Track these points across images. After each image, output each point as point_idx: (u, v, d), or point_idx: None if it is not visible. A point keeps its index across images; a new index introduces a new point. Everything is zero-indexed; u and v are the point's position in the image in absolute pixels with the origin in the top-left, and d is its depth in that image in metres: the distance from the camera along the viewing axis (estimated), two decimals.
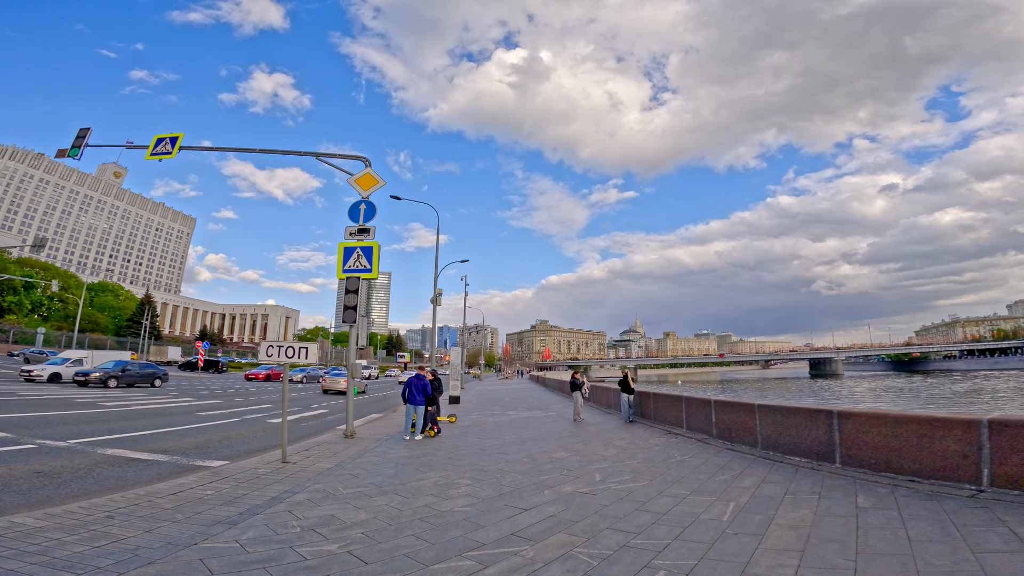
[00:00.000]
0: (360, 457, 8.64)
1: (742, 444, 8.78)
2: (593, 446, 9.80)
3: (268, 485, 6.45)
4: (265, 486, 6.39)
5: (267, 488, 6.28)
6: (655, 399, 12.86)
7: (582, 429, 12.45)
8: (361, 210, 12.47)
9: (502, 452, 9.15)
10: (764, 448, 8.21)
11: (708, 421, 9.98)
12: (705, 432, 10.11)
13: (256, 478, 6.84)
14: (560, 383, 32.81)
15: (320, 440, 10.56)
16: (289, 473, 7.19)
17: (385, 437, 11.11)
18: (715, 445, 9.29)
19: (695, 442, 9.76)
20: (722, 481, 6.50)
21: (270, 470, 7.37)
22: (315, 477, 6.97)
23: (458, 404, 20.97)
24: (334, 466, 7.80)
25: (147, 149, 14.99)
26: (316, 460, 8.27)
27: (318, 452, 9.05)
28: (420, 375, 11.00)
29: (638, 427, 12.41)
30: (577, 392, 14.44)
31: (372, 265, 11.62)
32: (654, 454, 8.78)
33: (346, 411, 11.04)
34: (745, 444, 8.70)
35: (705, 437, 10.00)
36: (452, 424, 13.79)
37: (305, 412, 17.35)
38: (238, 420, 14.20)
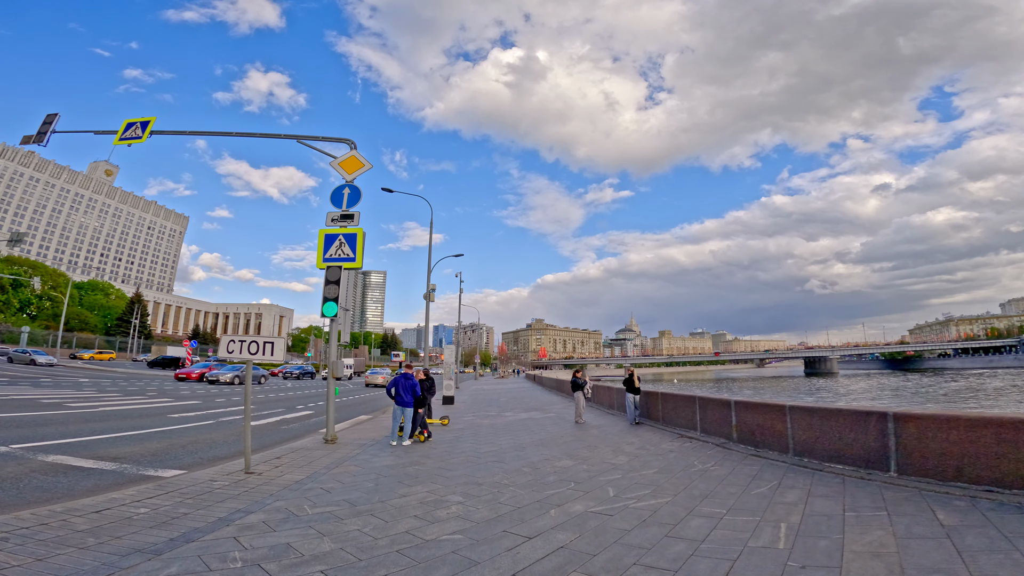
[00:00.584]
0: (338, 466, 7.60)
1: (769, 450, 7.81)
2: (600, 452, 8.80)
3: (219, 502, 5.40)
4: (215, 503, 5.35)
5: (216, 506, 5.23)
6: (664, 400, 11.88)
7: (586, 432, 11.45)
8: (345, 194, 11.45)
9: (499, 460, 8.13)
10: (797, 454, 7.24)
11: (727, 424, 9.00)
12: (723, 436, 9.13)
13: (208, 492, 5.80)
14: (558, 382, 31.83)
15: (297, 446, 9.51)
16: (249, 487, 6.14)
17: (370, 442, 10.07)
18: (737, 451, 8.32)
19: (714, 447, 8.78)
20: (760, 495, 5.51)
21: (227, 483, 6.31)
22: (279, 492, 5.93)
23: (452, 405, 19.93)
24: (305, 478, 6.76)
25: (116, 134, 13.92)
26: (286, 470, 7.22)
27: (290, 460, 8.00)
28: (408, 374, 9.98)
29: (646, 430, 11.43)
30: (579, 392, 13.45)
31: (356, 254, 10.59)
32: (671, 462, 7.79)
33: (326, 414, 10.00)
34: (773, 450, 7.73)
35: (724, 442, 9.02)
36: (445, 427, 12.76)
37: (288, 414, 16.28)
38: (213, 423, 13.10)
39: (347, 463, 7.90)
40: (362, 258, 10.68)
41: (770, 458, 7.56)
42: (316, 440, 10.10)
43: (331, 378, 9.93)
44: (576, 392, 13.50)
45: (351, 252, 10.61)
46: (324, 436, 9.96)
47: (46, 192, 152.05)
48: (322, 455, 8.56)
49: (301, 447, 9.36)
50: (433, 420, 13.10)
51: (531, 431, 11.81)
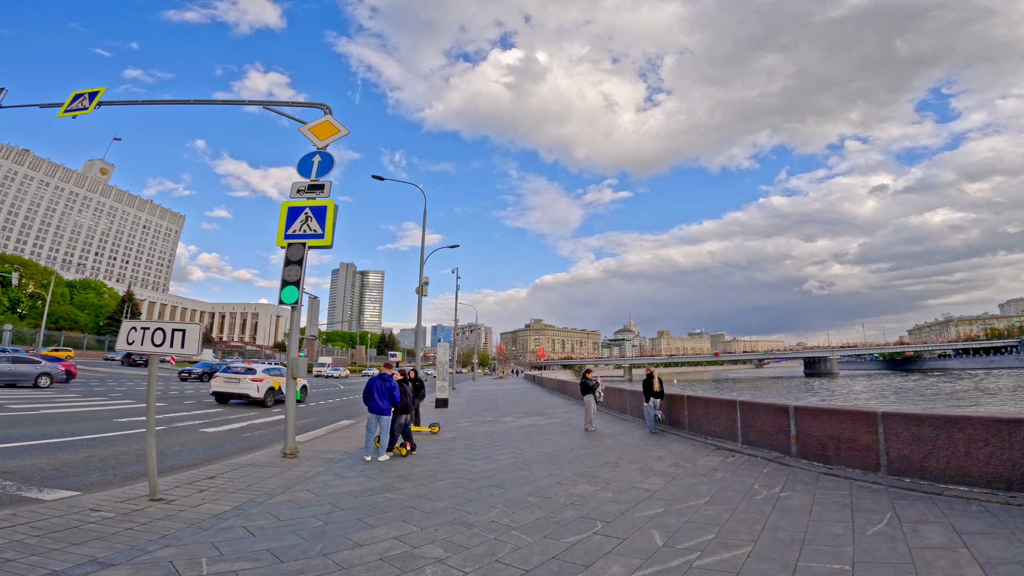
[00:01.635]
0: (284, 492, 5.78)
1: (848, 467, 6.03)
2: (625, 472, 6.99)
3: (75, 545, 3.60)
4: (67, 547, 3.54)
5: (64, 552, 3.42)
6: (692, 404, 10.07)
7: (600, 443, 9.63)
8: (315, 162, 9.70)
9: (497, 484, 6.31)
10: (893, 474, 5.47)
11: (782, 434, 7.21)
12: (777, 449, 7.33)
13: (75, 528, 3.99)
14: (559, 383, 30.01)
15: (245, 461, 7.68)
16: (140, 522, 4.32)
17: (340, 457, 8.23)
18: (801, 468, 6.52)
19: (767, 464, 6.98)
20: (885, 538, 3.72)
21: (114, 514, 4.50)
22: (178, 533, 4.11)
23: (446, 408, 18.10)
24: (230, 509, 4.94)
25: (62, 106, 12.46)
26: (210, 496, 5.40)
27: (225, 482, 6.18)
28: (385, 375, 8.13)
29: (671, 440, 9.62)
30: (590, 396, 11.64)
31: (326, 230, 8.82)
32: (722, 485, 5.97)
33: (285, 423, 8.17)
34: (854, 467, 5.96)
35: (778, 456, 7.22)
36: (434, 436, 10.94)
37: (261, 418, 14.43)
38: (165, 428, 11.26)
39: (299, 487, 6.08)
40: (332, 235, 8.90)
41: (853, 478, 5.77)
42: (273, 453, 8.27)
43: (290, 379, 8.11)
44: (586, 395, 11.68)
45: (319, 227, 8.82)
46: (282, 449, 8.14)
47: (40, 191, 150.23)
48: (271, 474, 6.74)
49: (250, 463, 7.53)
50: (421, 427, 11.29)
51: (535, 441, 9.99)
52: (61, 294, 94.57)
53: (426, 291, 21.88)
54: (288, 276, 8.47)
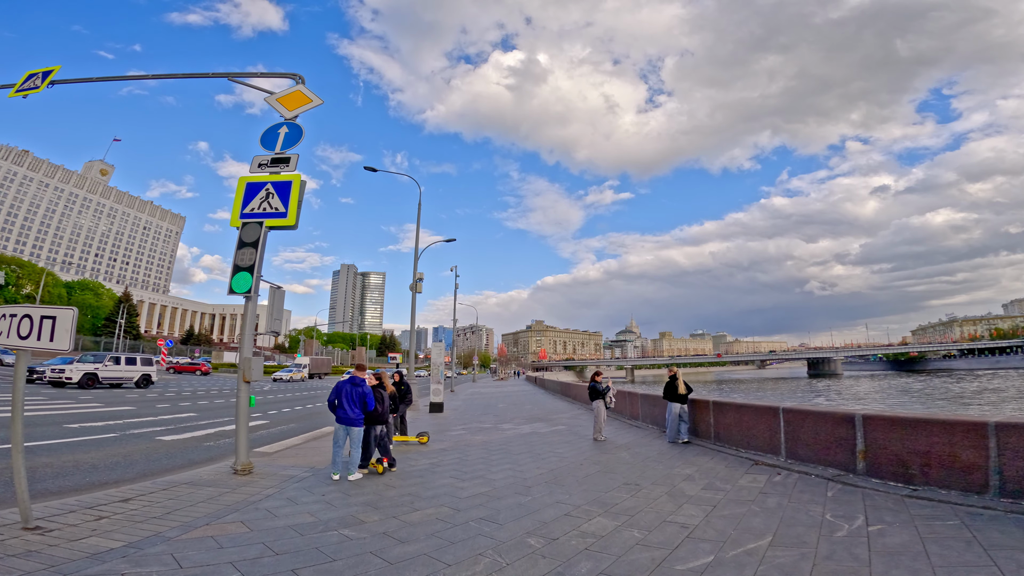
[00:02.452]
0: (209, 524, 4.44)
1: (942, 488, 4.70)
2: (650, 497, 5.63)
3: None
4: None
5: None
6: (720, 411, 8.71)
7: (613, 457, 8.27)
8: (281, 134, 8.45)
9: (489, 517, 4.96)
10: (1008, 496, 4.13)
11: (844, 447, 5.88)
12: (837, 465, 5.99)
13: None
14: (563, 386, 28.63)
15: (185, 478, 6.34)
16: None
17: (303, 474, 6.89)
18: (878, 490, 5.19)
19: (828, 484, 5.62)
20: None
21: None
22: None
23: (441, 413, 16.75)
24: (119, 547, 3.60)
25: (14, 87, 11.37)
26: (107, 526, 4.06)
27: (140, 505, 4.85)
28: (356, 378, 6.77)
29: (696, 453, 8.26)
30: (600, 401, 10.26)
31: (289, 208, 7.53)
32: (782, 517, 4.60)
33: (236, 434, 6.84)
34: (953, 488, 4.62)
35: (839, 474, 5.88)
36: (423, 447, 9.59)
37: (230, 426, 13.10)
38: (116, 436, 9.97)
39: (232, 516, 4.74)
40: (298, 214, 7.60)
41: (955, 502, 4.43)
42: (223, 469, 6.94)
43: (241, 383, 6.78)
44: (595, 401, 10.31)
45: (282, 205, 7.53)
46: (233, 464, 6.81)
47: (40, 192, 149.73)
48: (206, 497, 5.40)
49: (189, 480, 6.20)
50: (408, 437, 9.95)
51: (537, 454, 8.62)
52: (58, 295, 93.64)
53: (420, 288, 20.56)
54: (241, 260, 7.17)
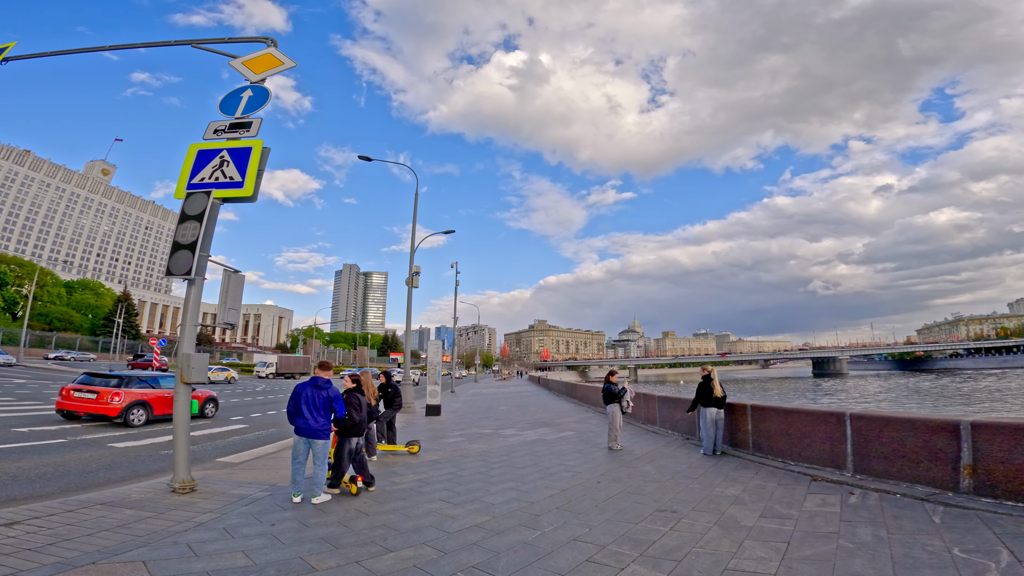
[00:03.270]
0: (94, 565, 3.17)
1: None
2: (695, 529, 4.33)
3: None
4: None
5: None
6: (760, 417, 7.39)
7: (636, 472, 6.95)
8: (243, 98, 7.32)
9: (486, 566, 3.64)
10: None
11: (941, 460, 4.63)
12: (931, 482, 4.72)
13: None
14: (568, 387, 27.30)
15: (107, 496, 5.07)
16: None
17: (259, 494, 5.61)
18: (998, 513, 3.87)
19: (925, 506, 4.30)
20: None
21: None
22: None
23: (438, 417, 15.46)
24: None
25: None
26: None
27: (19, 534, 3.58)
28: (319, 379, 5.44)
29: (733, 466, 6.94)
30: (615, 405, 8.93)
31: (247, 177, 6.30)
32: (897, 559, 3.30)
33: (174, 446, 5.58)
34: None
35: (934, 492, 4.60)
36: (412, 458, 8.31)
37: (215, 427, 11.86)
38: (64, 442, 8.74)
39: (134, 553, 3.45)
40: (257, 183, 6.38)
41: None
42: (159, 486, 5.67)
43: (179, 385, 5.53)
44: (610, 405, 8.98)
45: (237, 174, 6.30)
46: (170, 481, 5.55)
47: (41, 192, 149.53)
48: (119, 523, 4.13)
49: (112, 499, 4.93)
50: (397, 446, 8.66)
51: (544, 468, 7.32)
52: (58, 295, 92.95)
53: (417, 282, 19.28)
54: (181, 237, 5.95)
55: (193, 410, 5.73)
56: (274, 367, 49.71)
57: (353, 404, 5.71)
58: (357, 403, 5.76)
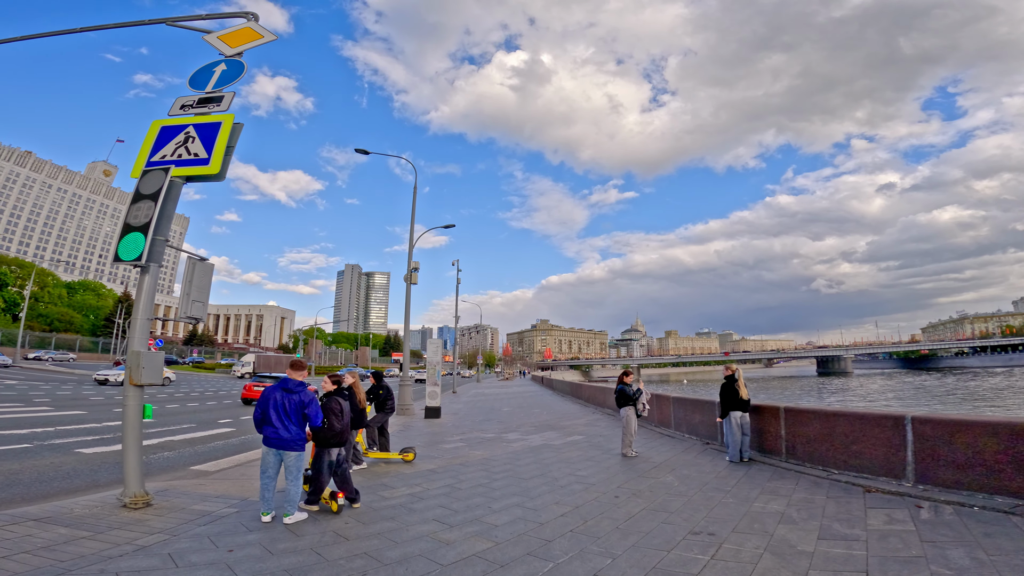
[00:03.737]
0: None
1: None
2: (742, 557, 3.52)
3: None
4: None
5: None
6: (797, 419, 6.58)
7: (657, 484, 6.15)
8: (216, 71, 6.64)
9: None
10: None
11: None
12: (1013, 492, 3.87)
13: None
14: (573, 386, 26.51)
15: (49, 509, 4.30)
16: None
17: (226, 510, 4.83)
18: None
19: (1012, 519, 3.50)
20: None
21: None
22: None
23: (437, 419, 14.69)
24: None
25: None
26: None
27: None
28: (291, 381, 4.66)
29: (768, 475, 6.14)
30: (630, 409, 8.12)
31: (214, 153, 5.58)
32: None
33: (124, 455, 4.84)
34: None
35: (1020, 504, 3.75)
36: (406, 466, 7.53)
37: (199, 431, 11.11)
38: (29, 447, 8.01)
39: None
40: (225, 160, 5.64)
41: None
42: (109, 500, 4.90)
43: (128, 388, 4.78)
44: (625, 408, 8.18)
45: (203, 151, 5.56)
46: (120, 495, 4.79)
47: (43, 193, 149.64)
48: (44, 544, 3.37)
49: (49, 515, 4.15)
50: (390, 454, 7.87)
51: (553, 479, 6.53)
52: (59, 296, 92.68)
53: (416, 278, 18.51)
54: (133, 218, 5.22)
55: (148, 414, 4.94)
56: (251, 366, 47.28)
57: (333, 410, 4.92)
58: (338, 409, 4.97)
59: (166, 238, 5.42)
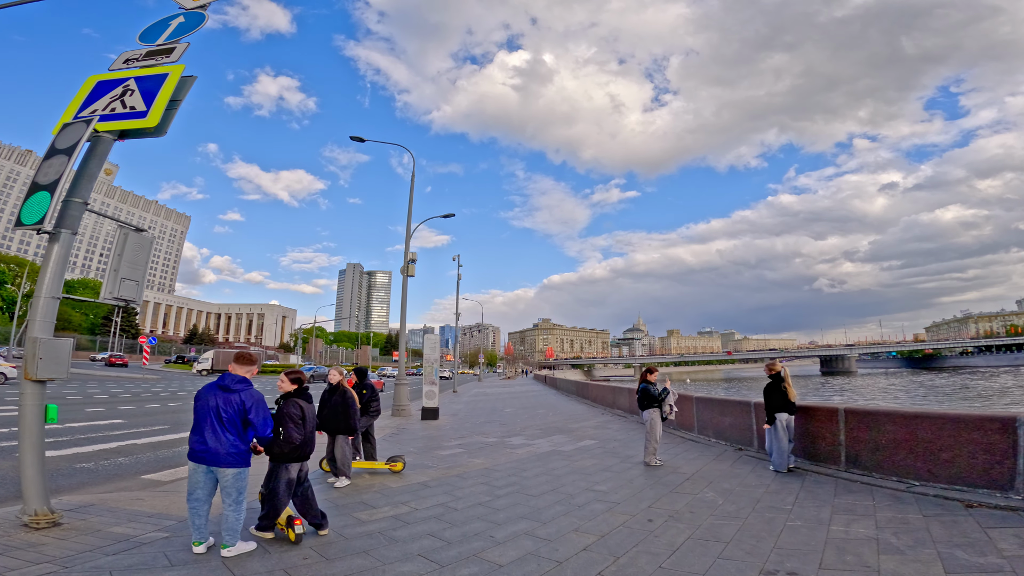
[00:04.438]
0: None
1: None
2: None
3: None
4: None
5: None
6: (863, 422, 5.47)
7: (697, 502, 5.04)
8: (172, 24, 5.66)
9: None
10: None
11: None
12: None
13: None
14: (579, 386, 25.38)
15: None
16: None
17: (153, 534, 3.74)
18: None
19: None
20: None
21: None
22: None
23: (435, 421, 13.61)
24: None
25: None
26: None
27: None
28: (230, 377, 3.57)
29: (829, 489, 5.02)
30: (654, 411, 7.00)
31: (153, 106, 4.55)
32: None
33: (20, 464, 3.79)
34: None
35: None
36: (394, 477, 6.45)
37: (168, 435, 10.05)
38: None
39: None
40: (167, 115, 4.60)
41: None
42: (8, 517, 3.84)
43: (26, 385, 3.72)
44: (648, 410, 7.05)
45: (142, 103, 4.50)
46: (20, 512, 3.73)
47: None
48: None
49: None
50: (376, 463, 6.77)
51: (569, 496, 5.43)
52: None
53: (413, 270, 17.42)
54: (42, 176, 4.18)
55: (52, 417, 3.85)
56: (209, 363, 44.97)
57: (292, 416, 3.84)
58: (298, 415, 3.88)
59: (85, 201, 4.35)
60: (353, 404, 5.89)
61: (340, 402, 5.83)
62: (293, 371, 4.19)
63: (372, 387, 6.82)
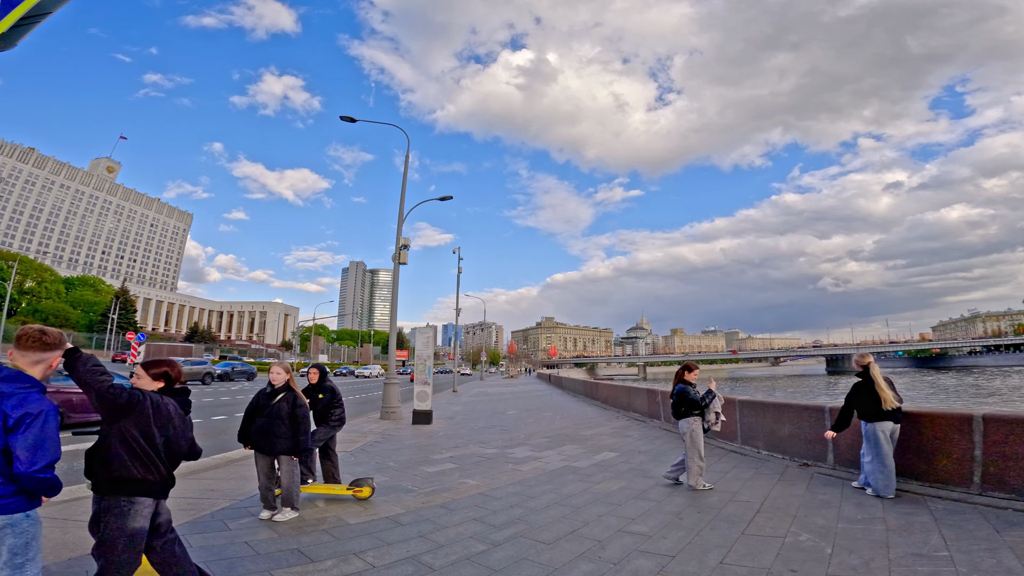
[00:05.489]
0: None
1: None
2: None
3: None
4: None
5: None
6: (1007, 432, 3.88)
7: (795, 550, 3.38)
8: None
9: None
10: None
11: None
12: None
13: None
14: (586, 386, 23.76)
15: None
16: None
17: None
18: None
19: None
20: None
21: None
22: None
23: (428, 425, 12.04)
24: None
25: None
26: None
27: None
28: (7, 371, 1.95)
29: (981, 523, 3.40)
30: (695, 419, 5.36)
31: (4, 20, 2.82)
32: None
33: None
34: None
35: None
36: (358, 506, 4.87)
37: None
38: None
39: None
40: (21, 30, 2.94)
41: None
42: None
43: None
44: (686, 419, 5.38)
45: None
46: None
47: (45, 189, 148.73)
48: None
49: None
50: (335, 489, 5.15)
51: (596, 544, 3.82)
52: (56, 291, 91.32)
53: (405, 257, 15.88)
54: None
55: None
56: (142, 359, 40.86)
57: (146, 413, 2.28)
58: (145, 412, 2.32)
59: None
60: (303, 414, 4.32)
61: (284, 410, 4.26)
62: (158, 361, 2.60)
63: (334, 389, 5.24)
